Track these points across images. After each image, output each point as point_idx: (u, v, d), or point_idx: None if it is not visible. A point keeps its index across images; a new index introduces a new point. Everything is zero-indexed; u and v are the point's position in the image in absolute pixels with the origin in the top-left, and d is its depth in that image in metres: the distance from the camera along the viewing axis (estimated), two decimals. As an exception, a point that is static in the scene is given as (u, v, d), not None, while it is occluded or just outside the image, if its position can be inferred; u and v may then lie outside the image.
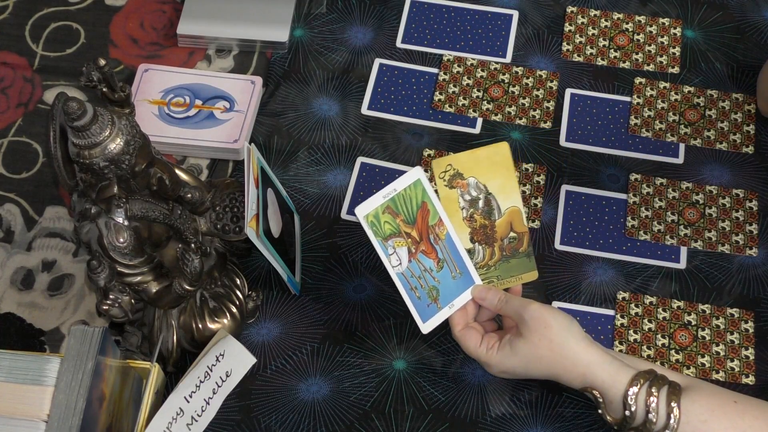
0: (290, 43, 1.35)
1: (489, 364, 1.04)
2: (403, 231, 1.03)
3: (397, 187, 1.03)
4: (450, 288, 1.06)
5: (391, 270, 1.02)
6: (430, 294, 1.04)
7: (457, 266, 1.06)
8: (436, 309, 1.05)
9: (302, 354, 1.12)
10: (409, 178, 1.04)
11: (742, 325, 1.13)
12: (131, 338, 1.10)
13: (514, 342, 1.01)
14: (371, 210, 1.01)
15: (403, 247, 1.03)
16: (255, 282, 1.16)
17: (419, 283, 1.04)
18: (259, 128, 1.28)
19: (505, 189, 1.09)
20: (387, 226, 1.02)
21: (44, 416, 0.90)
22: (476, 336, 1.05)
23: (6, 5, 1.39)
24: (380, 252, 1.02)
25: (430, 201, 1.05)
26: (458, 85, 1.30)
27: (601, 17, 1.36)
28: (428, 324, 1.05)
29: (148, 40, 1.36)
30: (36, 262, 1.19)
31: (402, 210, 1.03)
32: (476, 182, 1.08)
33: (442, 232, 1.06)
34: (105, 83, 1.00)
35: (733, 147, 1.25)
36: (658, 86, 1.30)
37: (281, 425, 1.07)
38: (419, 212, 1.04)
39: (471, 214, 1.08)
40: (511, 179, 1.09)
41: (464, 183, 1.07)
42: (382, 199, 1.02)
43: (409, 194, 1.03)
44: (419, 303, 1.04)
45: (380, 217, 1.02)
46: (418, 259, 1.04)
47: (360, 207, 1.01)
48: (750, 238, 1.18)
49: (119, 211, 0.99)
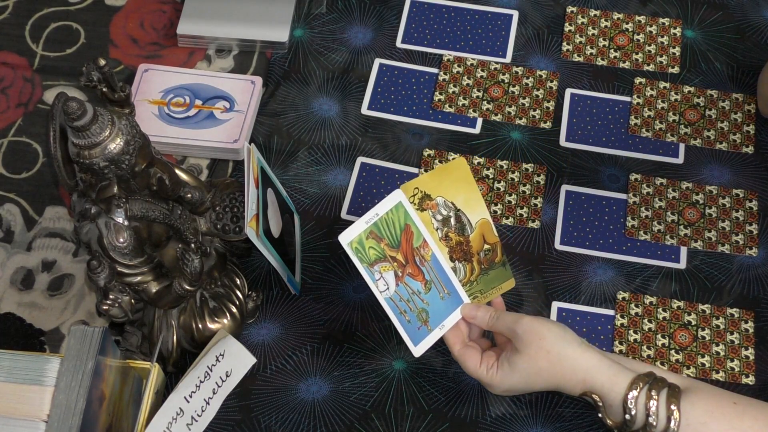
0: (290, 43, 1.35)
1: (491, 385, 1.03)
2: (388, 255, 1.02)
3: (379, 212, 1.02)
4: (439, 309, 1.05)
5: (379, 295, 1.01)
6: (419, 317, 1.04)
7: (444, 286, 1.06)
8: (427, 331, 1.04)
9: (302, 354, 1.12)
10: (390, 201, 1.03)
11: (742, 325, 1.13)
12: (131, 338, 1.10)
13: (512, 358, 1.01)
14: (355, 236, 1.00)
15: (390, 271, 1.02)
16: (255, 282, 1.16)
17: (408, 307, 1.03)
18: (259, 128, 1.28)
19: (471, 203, 1.09)
20: (372, 251, 1.01)
21: (44, 416, 0.90)
22: (476, 355, 1.04)
23: (6, 5, 1.39)
24: (367, 278, 1.01)
25: (413, 223, 1.04)
26: (458, 85, 1.30)
27: (601, 17, 1.36)
28: (420, 347, 1.04)
29: (148, 40, 1.36)
30: (36, 262, 1.19)
31: (386, 234, 1.02)
32: (444, 201, 1.08)
33: (428, 253, 1.05)
34: (105, 83, 1.00)
35: (733, 147, 1.25)
36: (658, 86, 1.30)
37: (281, 425, 1.07)
38: (403, 235, 1.03)
39: (446, 233, 1.08)
40: (473, 192, 1.09)
41: (434, 203, 1.07)
42: (364, 224, 1.01)
43: (391, 218, 1.02)
44: (409, 326, 1.03)
45: (364, 242, 1.01)
46: (406, 282, 1.03)
47: (343, 234, 1.00)
48: (750, 238, 1.18)
49: (119, 211, 0.99)
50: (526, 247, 1.18)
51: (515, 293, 1.15)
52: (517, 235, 1.19)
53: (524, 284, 1.16)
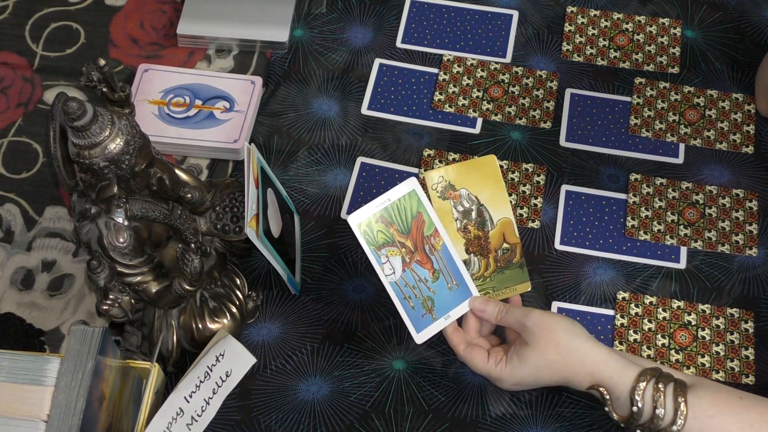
0: (290, 43, 1.35)
1: (501, 379, 1.03)
2: (397, 240, 1.03)
3: (391, 197, 1.03)
4: (446, 299, 1.05)
5: (384, 279, 1.02)
6: (424, 304, 1.04)
7: (453, 277, 1.06)
8: (431, 319, 1.04)
9: (302, 354, 1.12)
10: (404, 188, 1.03)
11: (742, 325, 1.13)
12: (131, 338, 1.10)
13: (521, 352, 1.01)
14: (364, 219, 1.01)
15: (397, 256, 1.02)
16: (255, 282, 1.16)
17: (413, 293, 1.03)
18: (259, 128, 1.28)
19: (496, 200, 1.09)
20: (380, 234, 1.02)
21: (44, 416, 0.90)
22: (482, 353, 1.04)
23: (6, 5, 1.39)
24: (373, 260, 1.01)
25: (426, 212, 1.04)
26: (458, 85, 1.30)
27: (601, 17, 1.36)
28: (422, 334, 1.04)
29: (148, 40, 1.36)
30: (36, 262, 1.19)
31: (396, 220, 1.02)
32: (468, 193, 1.08)
33: (438, 242, 1.05)
34: (105, 83, 1.00)
35: (733, 147, 1.25)
36: (658, 86, 1.30)
37: (281, 425, 1.07)
38: (414, 222, 1.04)
39: (465, 225, 1.08)
40: (500, 190, 1.09)
41: (456, 194, 1.07)
42: (375, 208, 1.01)
43: (403, 204, 1.03)
44: (413, 313, 1.03)
45: (373, 225, 1.01)
46: (413, 269, 1.03)
47: (353, 215, 1.01)
48: (750, 238, 1.18)
49: (119, 211, 0.99)
50: (526, 247, 1.18)
51: (515, 293, 1.15)
52: (517, 235, 1.19)
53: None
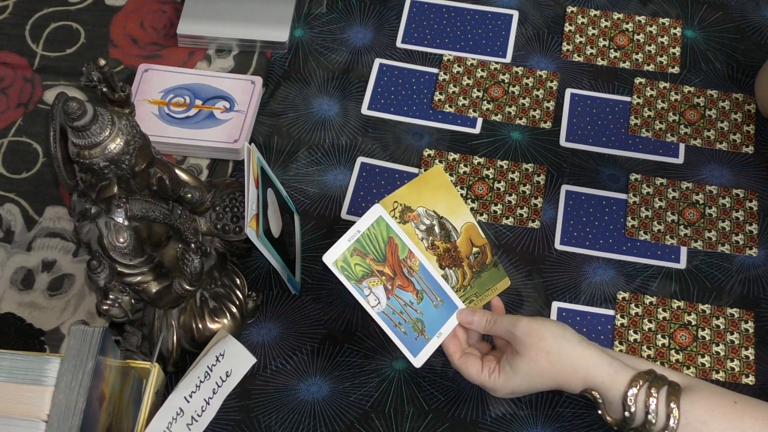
0: (290, 43, 1.35)
1: (495, 389, 1.03)
2: (375, 270, 1.02)
3: (361, 228, 1.02)
4: (434, 317, 1.05)
5: (371, 310, 1.01)
6: (415, 327, 1.04)
7: (437, 294, 1.06)
8: (425, 341, 1.04)
9: (302, 354, 1.12)
10: (370, 217, 1.03)
11: (742, 325, 1.13)
12: (131, 338, 1.10)
13: (513, 361, 1.01)
14: (339, 255, 1.00)
15: (379, 285, 1.02)
16: (255, 282, 1.16)
17: (402, 319, 1.03)
18: (259, 128, 1.28)
19: (453, 209, 1.09)
20: (358, 267, 1.01)
21: (44, 416, 0.90)
22: (476, 362, 1.04)
23: (6, 5, 1.39)
24: (356, 295, 1.01)
25: (396, 235, 1.04)
26: (458, 85, 1.30)
27: (601, 17, 1.36)
28: (419, 357, 1.04)
29: (148, 40, 1.36)
30: (36, 262, 1.19)
31: (370, 249, 1.02)
32: (425, 210, 1.08)
33: (415, 263, 1.05)
34: (105, 83, 1.00)
35: (733, 147, 1.25)
36: (658, 86, 1.30)
37: (281, 425, 1.07)
38: (387, 248, 1.03)
39: (432, 242, 1.08)
40: (455, 198, 1.09)
41: (415, 214, 1.07)
42: (347, 242, 1.01)
43: (373, 233, 1.02)
44: (406, 338, 1.03)
45: (349, 260, 1.01)
46: (397, 295, 1.03)
47: (327, 254, 1.00)
48: (750, 238, 1.18)
49: (119, 211, 0.99)
50: (526, 247, 1.19)
51: (515, 293, 1.15)
52: (517, 235, 1.19)
53: (524, 284, 1.16)
